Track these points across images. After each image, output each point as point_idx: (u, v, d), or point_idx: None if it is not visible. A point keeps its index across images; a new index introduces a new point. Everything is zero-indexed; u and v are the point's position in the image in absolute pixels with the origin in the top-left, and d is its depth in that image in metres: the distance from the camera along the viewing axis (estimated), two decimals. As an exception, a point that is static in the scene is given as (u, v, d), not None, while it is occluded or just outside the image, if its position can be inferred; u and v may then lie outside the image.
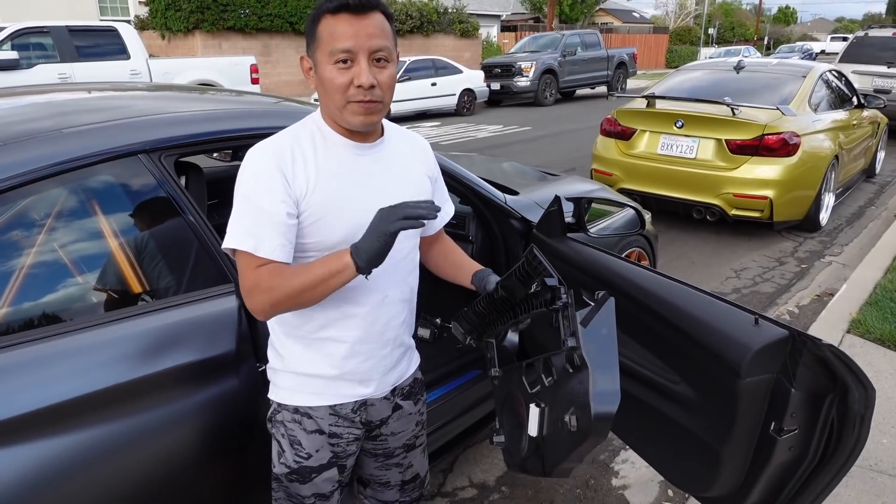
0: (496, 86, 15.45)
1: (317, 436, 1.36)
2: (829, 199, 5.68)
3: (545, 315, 1.33)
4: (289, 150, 1.24)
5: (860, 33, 10.71)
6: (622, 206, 2.90)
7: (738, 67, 5.95)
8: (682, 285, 1.66)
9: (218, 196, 2.70)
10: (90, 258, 1.52)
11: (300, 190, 1.22)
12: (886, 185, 7.46)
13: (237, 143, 1.78)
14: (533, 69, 15.31)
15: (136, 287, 1.53)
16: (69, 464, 1.32)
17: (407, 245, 1.37)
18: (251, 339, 1.60)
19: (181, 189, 1.61)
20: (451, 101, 13.97)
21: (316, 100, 1.92)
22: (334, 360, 1.34)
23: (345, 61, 1.18)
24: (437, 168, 1.49)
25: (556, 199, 2.11)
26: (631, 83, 19.45)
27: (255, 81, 11.23)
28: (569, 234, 2.11)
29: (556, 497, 2.36)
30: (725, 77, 5.94)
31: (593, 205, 2.74)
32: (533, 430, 1.35)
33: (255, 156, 1.24)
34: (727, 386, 1.49)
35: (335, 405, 1.36)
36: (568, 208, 2.20)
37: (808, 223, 5.42)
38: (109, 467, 1.38)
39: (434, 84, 13.56)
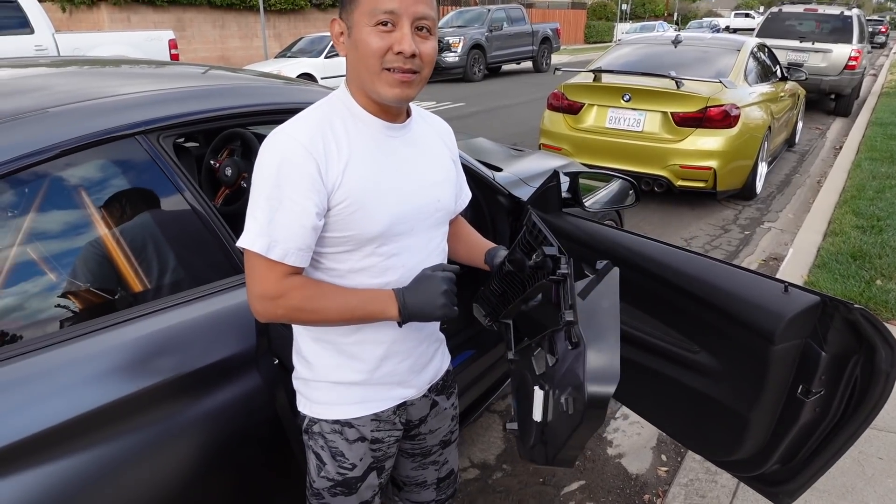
0: (424, 61, 15.28)
1: (359, 444, 1.28)
2: (763, 168, 5.97)
3: (548, 289, 1.23)
4: (319, 132, 1.10)
5: (774, 9, 11.25)
6: (608, 179, 2.91)
7: (676, 41, 6.12)
8: (702, 257, 1.67)
9: None
10: (82, 256, 1.36)
11: (334, 179, 1.09)
12: (806, 153, 7.93)
13: (243, 121, 1.64)
14: (461, 44, 15.20)
15: (139, 285, 1.39)
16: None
17: (438, 235, 1.29)
18: (266, 332, 1.50)
19: (184, 173, 1.47)
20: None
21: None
22: (371, 364, 1.24)
23: (386, 24, 1.06)
24: (457, 149, 1.41)
25: (555, 174, 2.09)
26: (555, 58, 19.70)
27: (174, 58, 10.57)
28: (564, 210, 2.09)
29: (558, 471, 2.38)
30: (664, 51, 6.09)
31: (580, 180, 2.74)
32: (537, 414, 1.23)
33: (280, 140, 1.09)
34: (758, 353, 1.51)
35: (377, 412, 1.28)
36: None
37: (746, 191, 5.68)
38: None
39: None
